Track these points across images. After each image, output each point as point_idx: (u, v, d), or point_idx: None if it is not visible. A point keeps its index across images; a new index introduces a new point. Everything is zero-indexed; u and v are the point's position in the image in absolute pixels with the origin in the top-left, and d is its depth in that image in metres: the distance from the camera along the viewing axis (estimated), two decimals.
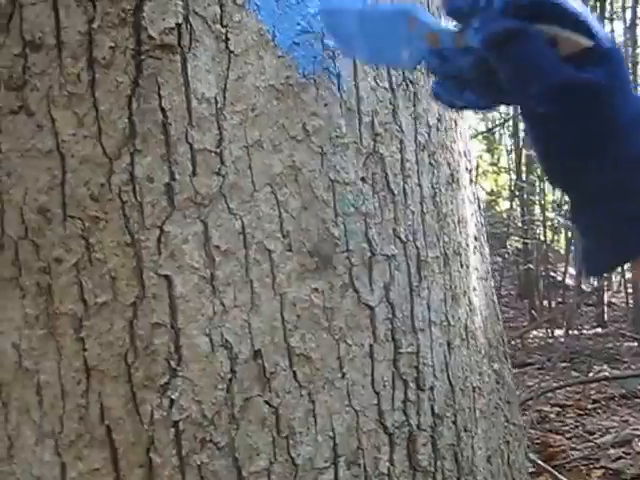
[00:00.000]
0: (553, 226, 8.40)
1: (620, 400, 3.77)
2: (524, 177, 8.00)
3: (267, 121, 0.94)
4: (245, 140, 0.92)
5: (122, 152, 0.88)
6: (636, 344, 5.69)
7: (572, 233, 7.36)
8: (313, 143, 0.97)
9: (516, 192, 8.10)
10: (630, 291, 7.51)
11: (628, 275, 7.74)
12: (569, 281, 8.00)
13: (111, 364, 0.89)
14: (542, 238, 8.08)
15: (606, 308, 7.17)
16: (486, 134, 8.97)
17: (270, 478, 0.93)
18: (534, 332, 6.51)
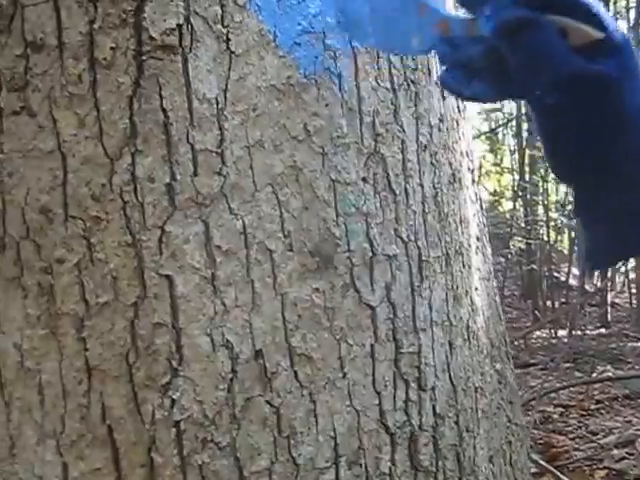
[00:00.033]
0: (556, 226, 8.39)
1: (623, 400, 3.77)
2: (527, 177, 7.99)
3: (268, 121, 0.94)
4: (246, 140, 0.92)
5: (123, 152, 0.88)
6: None
7: (575, 233, 7.35)
8: (314, 143, 0.97)
9: (519, 192, 8.09)
10: (634, 291, 7.51)
11: (632, 275, 7.73)
12: (572, 281, 7.99)
13: (112, 364, 0.89)
14: (545, 238, 8.07)
15: (609, 308, 7.16)
16: (489, 134, 8.96)
17: (271, 478, 0.93)
18: (537, 332, 6.51)
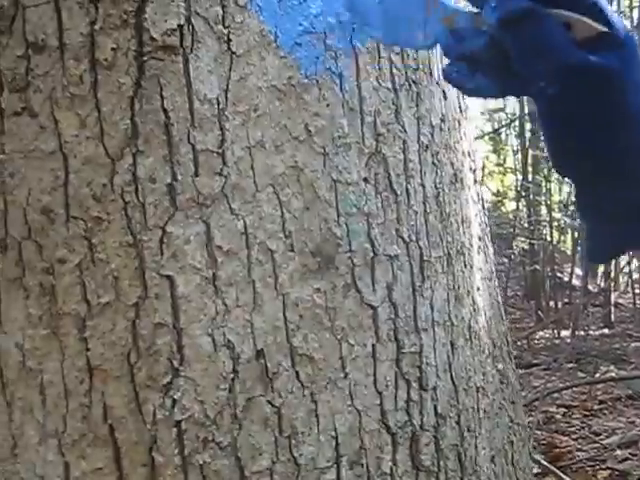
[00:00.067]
0: (560, 227, 8.37)
1: (626, 401, 3.76)
2: (530, 178, 7.98)
3: (269, 121, 0.94)
4: (247, 140, 0.92)
5: (124, 153, 0.89)
6: None
7: (579, 233, 7.34)
8: (315, 143, 0.97)
9: (522, 193, 8.08)
10: (637, 292, 7.49)
11: (635, 276, 7.72)
12: (576, 282, 7.98)
13: (114, 364, 0.90)
14: (548, 239, 8.05)
15: (613, 309, 7.14)
16: (492, 135, 8.94)
17: (272, 478, 0.93)
18: (540, 333, 6.50)
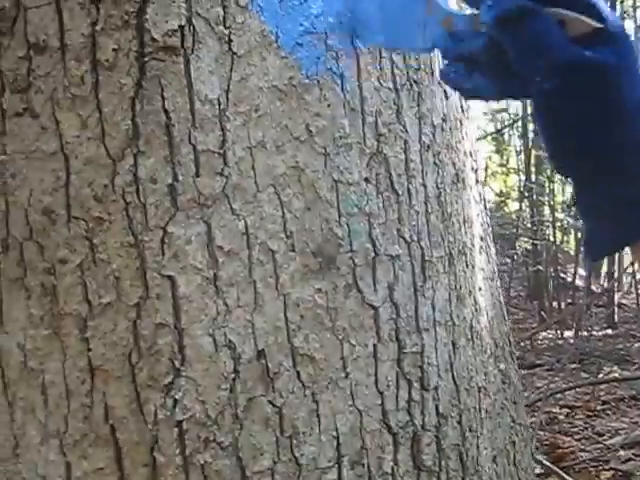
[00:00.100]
0: (563, 227, 8.36)
1: (630, 401, 3.75)
2: (533, 178, 7.97)
3: (270, 122, 0.94)
4: (248, 141, 0.93)
5: (125, 153, 0.89)
6: None
7: (581, 234, 7.32)
8: (316, 144, 0.97)
9: (525, 193, 8.07)
10: None
11: (639, 276, 7.71)
12: (579, 282, 7.97)
13: (115, 364, 0.90)
14: (552, 239, 8.04)
15: (616, 309, 7.13)
16: (495, 135, 8.94)
17: (274, 478, 0.93)
18: (544, 333, 6.49)
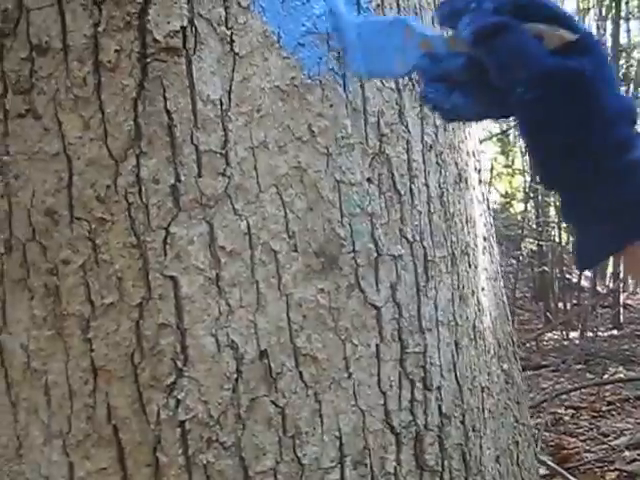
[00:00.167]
0: (568, 228, 8.35)
1: (635, 402, 3.75)
2: (538, 179, 7.97)
3: (272, 122, 0.94)
4: (250, 141, 0.93)
5: (128, 154, 0.89)
6: None
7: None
8: (319, 144, 0.97)
9: (530, 194, 8.07)
10: None
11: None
12: (584, 283, 7.96)
13: (118, 364, 0.90)
14: (557, 240, 8.05)
15: (622, 310, 7.13)
16: (500, 136, 8.94)
17: (276, 478, 0.93)
18: (549, 334, 6.49)
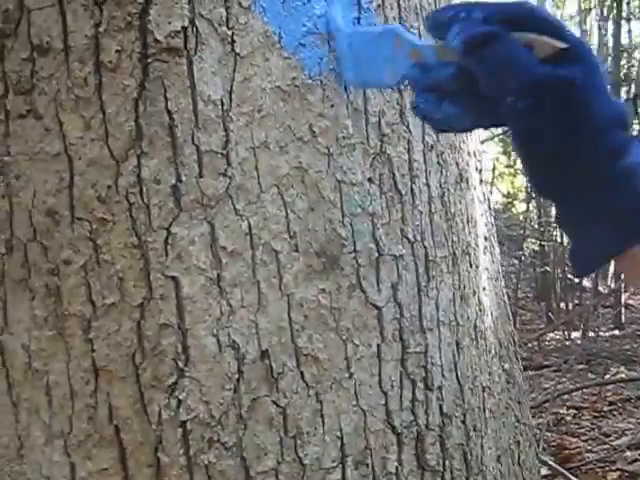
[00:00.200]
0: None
1: (637, 402, 3.75)
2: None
3: (273, 122, 0.94)
4: (251, 141, 0.93)
5: (129, 154, 0.89)
6: None
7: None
8: (320, 144, 0.97)
9: (532, 194, 8.06)
10: None
11: None
12: (586, 283, 7.95)
13: (119, 364, 0.90)
14: (559, 240, 8.03)
15: (623, 310, 7.12)
16: (502, 136, 8.93)
17: (278, 478, 0.93)
18: (551, 334, 6.49)
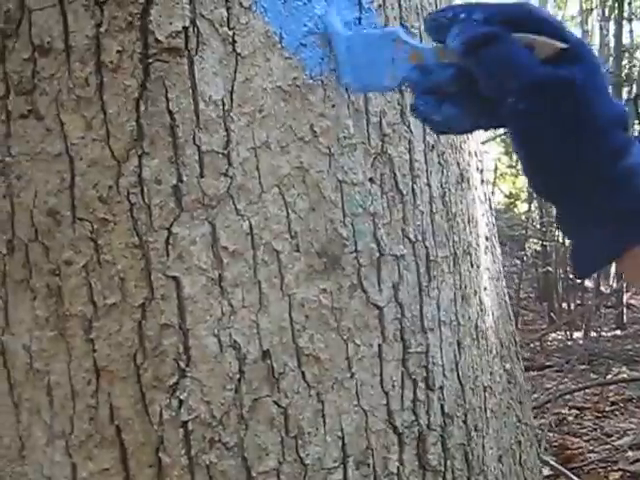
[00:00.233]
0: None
1: (639, 402, 3.75)
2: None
3: (274, 122, 0.94)
4: (252, 141, 0.93)
5: (130, 155, 0.89)
6: None
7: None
8: (321, 144, 0.97)
9: (534, 194, 8.06)
10: None
11: None
12: (588, 283, 7.95)
13: (120, 365, 0.90)
14: (561, 240, 8.03)
15: (625, 310, 7.12)
16: (504, 136, 8.93)
17: (279, 478, 0.93)
18: (553, 334, 6.49)
